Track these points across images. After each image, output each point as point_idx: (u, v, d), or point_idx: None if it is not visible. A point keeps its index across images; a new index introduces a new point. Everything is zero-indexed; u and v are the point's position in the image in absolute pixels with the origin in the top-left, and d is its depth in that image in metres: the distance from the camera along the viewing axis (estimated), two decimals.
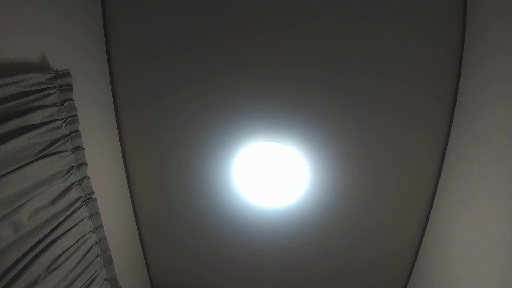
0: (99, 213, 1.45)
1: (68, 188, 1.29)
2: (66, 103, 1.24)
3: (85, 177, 1.37)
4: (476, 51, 1.36)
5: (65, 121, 1.25)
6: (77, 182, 1.34)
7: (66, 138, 1.26)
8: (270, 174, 1.78)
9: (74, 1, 1.41)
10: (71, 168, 1.30)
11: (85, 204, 1.38)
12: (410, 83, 1.52)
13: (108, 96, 1.70)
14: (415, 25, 1.43)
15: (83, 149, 1.34)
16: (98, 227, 1.46)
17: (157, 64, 1.64)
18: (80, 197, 1.36)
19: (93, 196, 1.42)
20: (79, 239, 1.35)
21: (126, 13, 1.59)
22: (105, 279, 1.53)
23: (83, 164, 1.35)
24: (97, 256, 1.47)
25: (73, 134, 1.29)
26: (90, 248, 1.42)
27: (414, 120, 1.58)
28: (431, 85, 1.51)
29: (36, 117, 1.10)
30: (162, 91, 1.69)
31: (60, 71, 1.21)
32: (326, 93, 1.58)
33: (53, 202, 1.21)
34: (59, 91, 1.21)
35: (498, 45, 1.21)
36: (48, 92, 1.17)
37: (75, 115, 1.29)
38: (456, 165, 1.51)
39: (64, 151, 1.25)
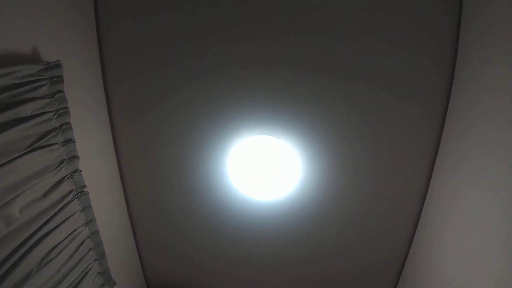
0: (91, 206, 1.43)
1: (60, 182, 1.27)
2: (57, 95, 1.21)
3: (76, 170, 1.35)
4: (472, 31, 1.35)
5: (56, 113, 1.22)
6: (69, 175, 1.32)
7: (57, 131, 1.24)
8: (265, 167, 1.79)
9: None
10: (62, 161, 1.28)
11: (77, 197, 1.36)
12: (407, 63, 1.50)
13: (100, 86, 1.67)
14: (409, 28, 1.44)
15: (75, 141, 1.31)
16: (91, 221, 1.45)
17: (156, 60, 1.63)
18: (72, 191, 1.34)
19: (85, 190, 1.40)
20: (71, 233, 1.34)
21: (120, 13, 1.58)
22: (98, 273, 1.53)
23: (75, 157, 1.33)
24: (90, 249, 1.46)
25: (64, 126, 1.26)
26: (83, 242, 1.41)
27: (409, 119, 1.59)
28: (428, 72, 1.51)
29: (27, 110, 1.08)
30: (159, 88, 1.68)
31: (51, 62, 1.18)
32: (320, 94, 1.59)
33: (44, 195, 1.19)
34: (49, 82, 1.18)
35: (495, 25, 1.21)
36: (39, 84, 1.14)
37: (66, 107, 1.26)
38: (448, 163, 1.53)
39: (55, 143, 1.23)
